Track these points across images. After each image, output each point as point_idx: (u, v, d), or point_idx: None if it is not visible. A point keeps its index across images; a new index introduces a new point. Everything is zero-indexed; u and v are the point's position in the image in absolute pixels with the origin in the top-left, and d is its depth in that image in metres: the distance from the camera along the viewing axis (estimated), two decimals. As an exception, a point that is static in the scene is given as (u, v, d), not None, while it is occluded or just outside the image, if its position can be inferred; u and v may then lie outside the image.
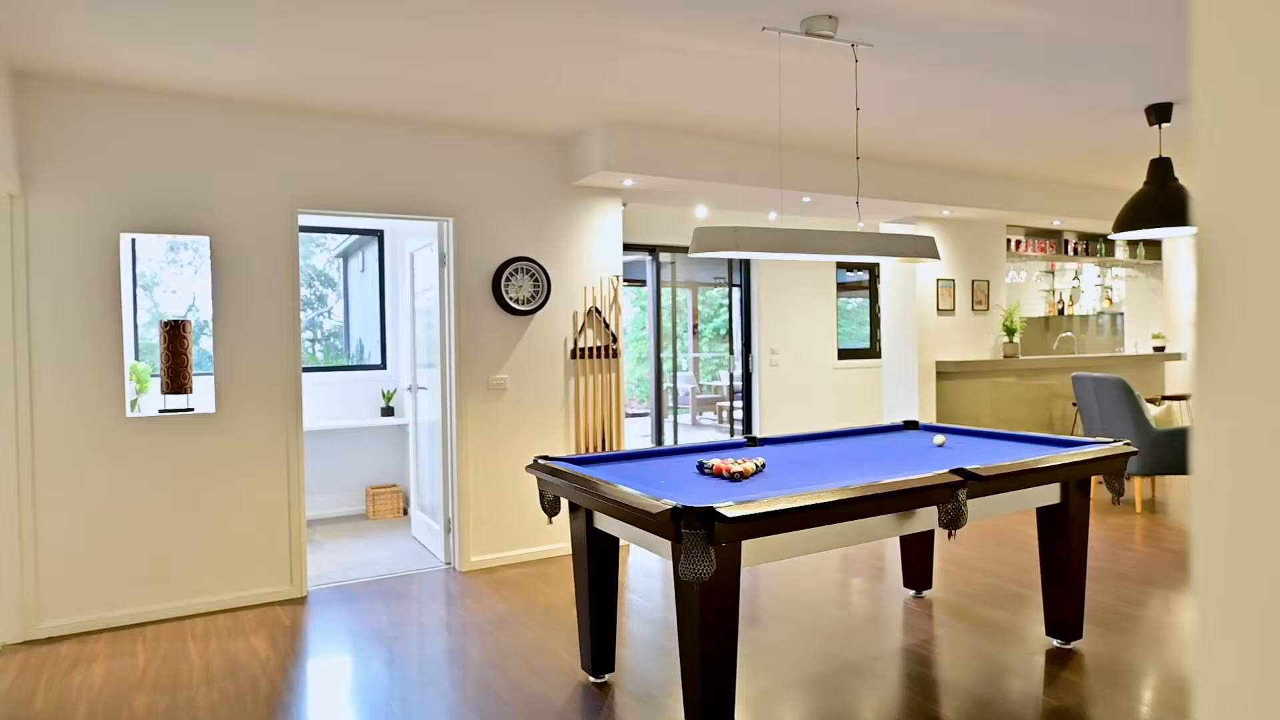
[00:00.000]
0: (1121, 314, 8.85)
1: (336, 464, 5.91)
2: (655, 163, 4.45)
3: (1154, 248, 8.16)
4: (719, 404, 11.32)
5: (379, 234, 6.12)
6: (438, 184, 4.36)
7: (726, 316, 11.92)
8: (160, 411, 3.81)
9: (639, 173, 4.41)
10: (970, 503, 2.75)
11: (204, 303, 5.26)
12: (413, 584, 4.28)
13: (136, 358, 4.76)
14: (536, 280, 4.59)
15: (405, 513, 5.95)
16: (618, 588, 3.04)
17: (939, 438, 3.55)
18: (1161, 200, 4.26)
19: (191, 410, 3.86)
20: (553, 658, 3.25)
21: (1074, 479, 3.12)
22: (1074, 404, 7.24)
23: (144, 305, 5.08)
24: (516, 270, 4.53)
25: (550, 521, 3.02)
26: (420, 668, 3.19)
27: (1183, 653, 3.18)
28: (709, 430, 10.85)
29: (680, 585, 2.29)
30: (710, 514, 2.10)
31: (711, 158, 4.65)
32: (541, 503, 3.01)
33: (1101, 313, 9.09)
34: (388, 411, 5.91)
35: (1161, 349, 8.01)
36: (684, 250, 7.03)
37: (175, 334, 3.87)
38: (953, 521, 2.59)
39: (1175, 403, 7.89)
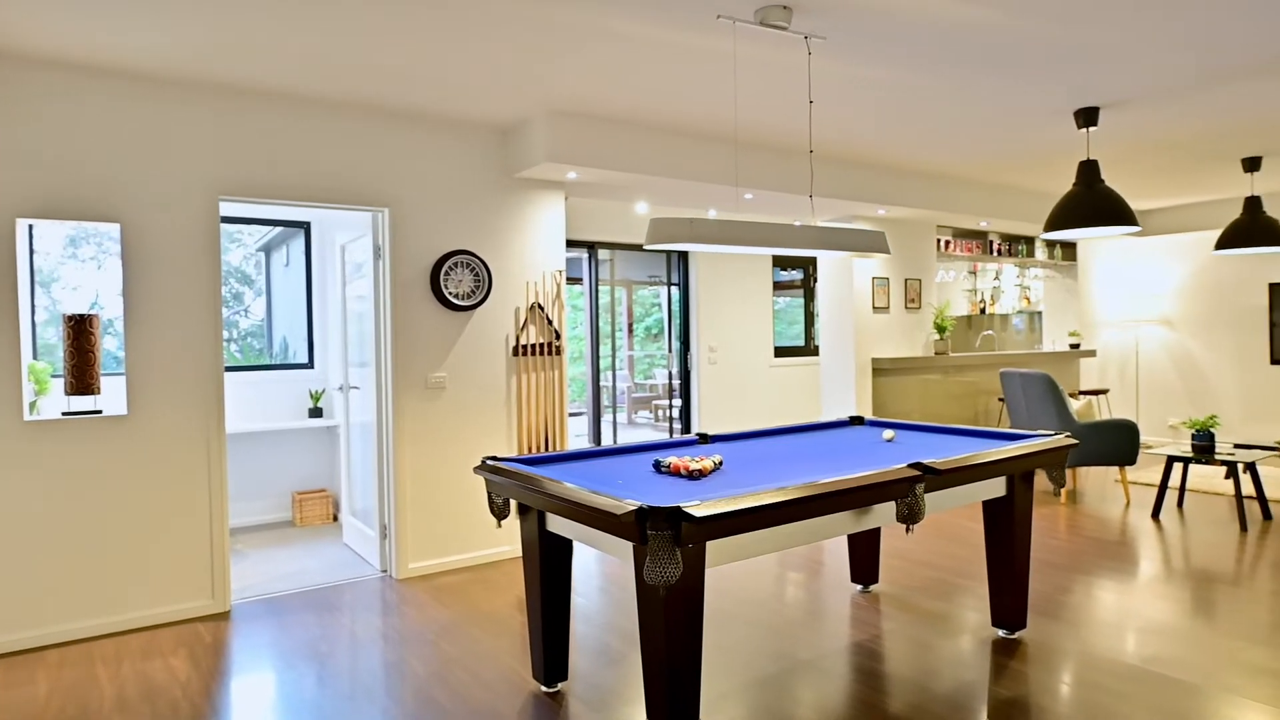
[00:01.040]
0: (1039, 313, 9.22)
1: (261, 468, 5.59)
2: (601, 155, 4.35)
3: (1070, 249, 8.52)
4: (655, 402, 11.29)
5: (306, 226, 5.81)
6: (372, 173, 4.15)
7: (660, 315, 11.92)
8: (64, 414, 3.49)
9: (584, 165, 4.30)
10: (925, 497, 2.75)
11: (109, 300, 4.87)
12: (346, 594, 4.06)
13: (34, 357, 4.37)
14: (477, 275, 4.43)
15: (336, 519, 5.67)
16: (570, 592, 2.93)
17: (888, 433, 3.57)
18: (1090, 201, 4.41)
19: (100, 412, 3.55)
20: (501, 667, 3.11)
21: (1020, 472, 3.17)
22: (1000, 399, 7.49)
23: (40, 304, 4.67)
24: (456, 264, 4.36)
25: (499, 525, 2.89)
26: (356, 682, 3.00)
27: (1119, 638, 3.27)
28: (645, 429, 10.80)
29: (643, 589, 2.20)
30: (677, 514, 2.02)
31: (659, 151, 4.58)
32: (490, 506, 2.88)
33: (1020, 311, 9.47)
34: (316, 413, 5.62)
35: (1077, 346, 8.37)
36: (623, 247, 6.95)
37: (81, 330, 3.55)
38: (911, 516, 2.59)
39: (1093, 397, 8.26)
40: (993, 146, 5.19)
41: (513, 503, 2.88)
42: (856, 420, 4.09)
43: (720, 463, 2.83)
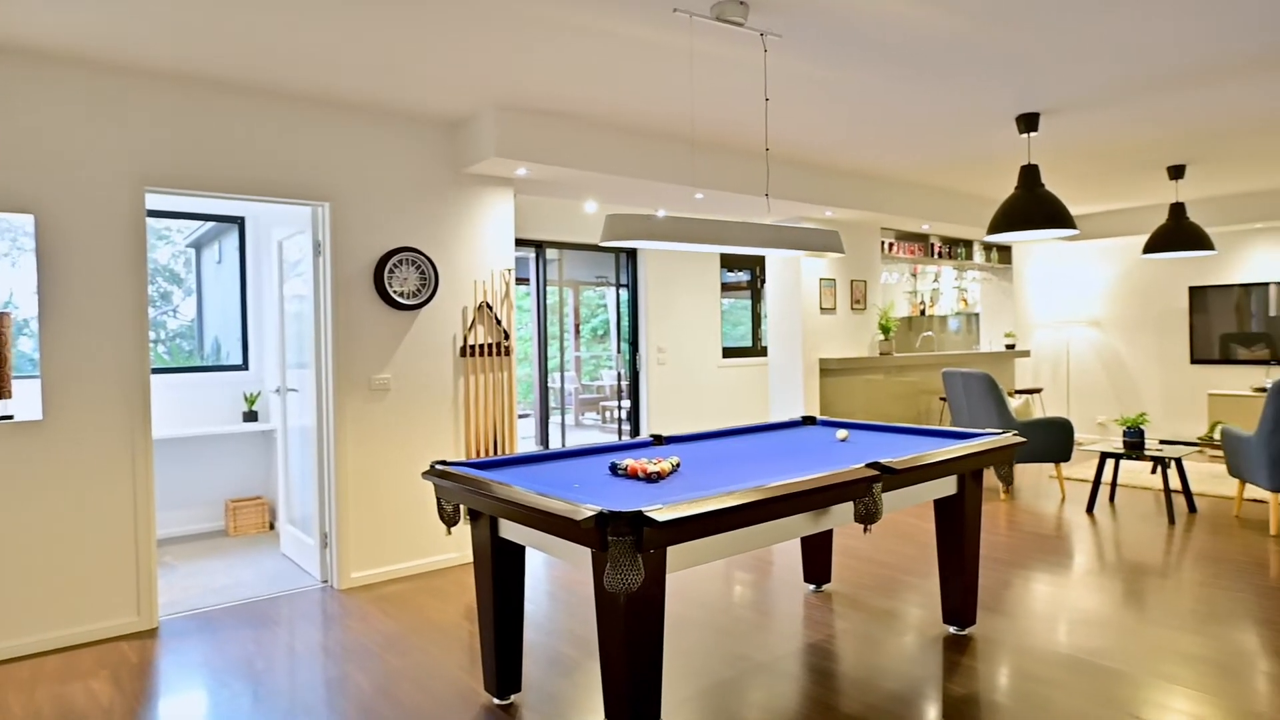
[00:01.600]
0: (976, 314, 9.48)
1: (191, 475, 5.31)
2: (552, 152, 4.26)
3: (1005, 252, 8.78)
4: (602, 404, 11.22)
5: (239, 221, 5.55)
6: (312, 165, 3.97)
7: (605, 316, 11.85)
8: (-31, 421, 3.23)
9: (534, 161, 4.20)
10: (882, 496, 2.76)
11: (23, 298, 4.56)
12: (284, 606, 3.87)
13: (-64, 358, 4.05)
14: (423, 273, 4.28)
15: (272, 527, 5.43)
16: (523, 600, 2.84)
17: (841, 432, 3.58)
18: (1031, 204, 4.53)
19: (11, 418, 3.30)
20: (451, 680, 3.00)
21: (970, 470, 3.21)
22: (941, 398, 7.66)
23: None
24: (401, 261, 4.21)
25: (449, 532, 2.78)
26: (295, 700, 2.85)
27: (1060, 630, 3.35)
28: (593, 430, 10.72)
29: (602, 596, 2.13)
30: (639, 519, 1.96)
31: (612, 149, 4.51)
32: (439, 512, 2.76)
33: (958, 313, 9.72)
34: (251, 416, 5.37)
35: (1012, 346, 8.62)
36: (572, 246, 6.86)
37: (-12, 329, 3.29)
38: (868, 516, 2.58)
39: (1029, 395, 8.52)
40: (939, 150, 5.29)
41: (463, 509, 2.78)
42: (809, 420, 4.10)
43: (678, 464, 2.78)
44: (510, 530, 2.64)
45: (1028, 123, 4.45)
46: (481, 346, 4.51)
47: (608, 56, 3.39)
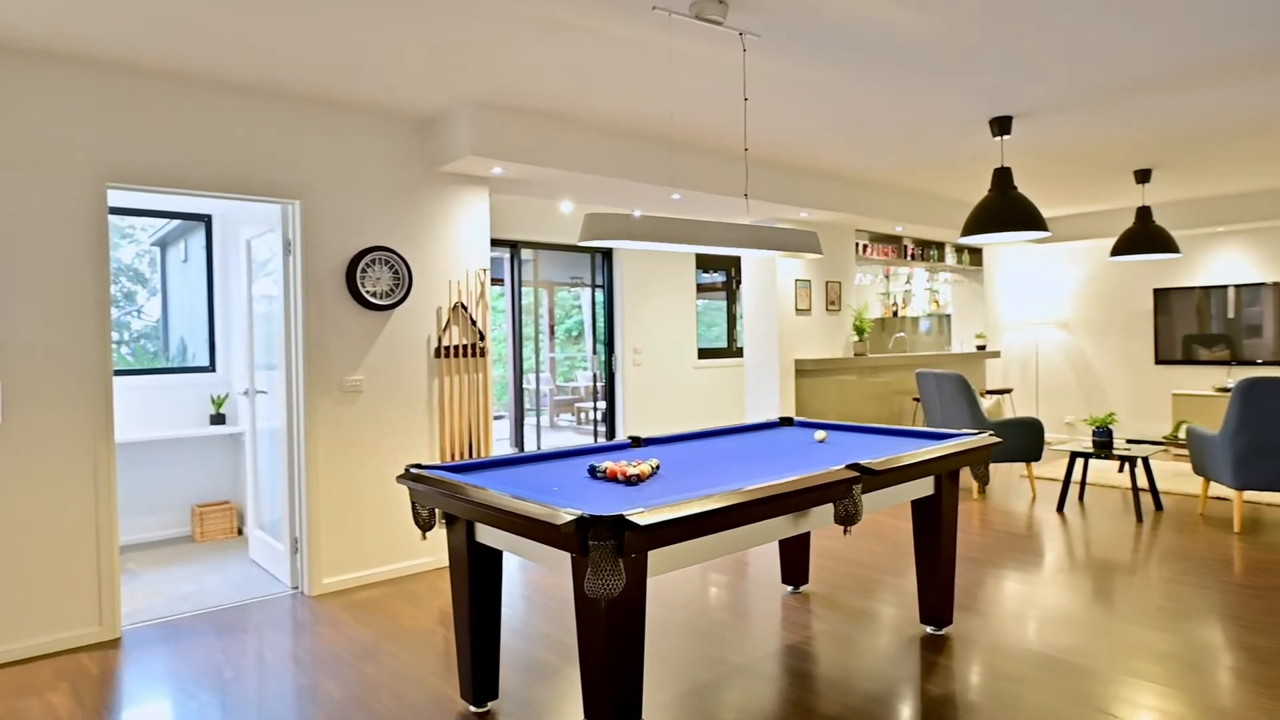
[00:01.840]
0: (948, 315, 9.59)
1: (156, 480, 5.17)
2: (528, 150, 4.22)
3: (977, 255, 8.89)
4: (577, 405, 11.17)
5: (206, 219, 5.42)
6: (283, 162, 3.88)
7: (580, 317, 11.79)
8: (-80, 425, 3.10)
9: (510, 160, 4.15)
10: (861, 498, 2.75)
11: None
12: (253, 614, 3.78)
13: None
14: (396, 272, 4.21)
15: (240, 532, 5.31)
16: (500, 605, 2.79)
17: (819, 433, 3.58)
18: (1004, 206, 4.57)
19: (-36, 422, 3.17)
20: (426, 688, 2.94)
21: (947, 470, 3.23)
22: (915, 399, 7.73)
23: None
24: (374, 261, 4.13)
25: (424, 537, 2.72)
26: (265, 711, 2.77)
27: (1033, 629, 3.38)
28: (567, 432, 10.67)
29: (582, 602, 2.10)
30: (620, 523, 1.93)
31: (589, 148, 4.48)
32: (414, 517, 2.71)
33: (930, 314, 9.83)
34: (218, 419, 5.24)
35: (983, 347, 8.73)
36: (547, 247, 6.81)
37: (-59, 330, 3.16)
38: (849, 517, 2.58)
39: (999, 396, 8.63)
40: (914, 151, 5.33)
41: (438, 513, 2.73)
42: (786, 421, 4.10)
43: (658, 467, 2.76)
44: (487, 535, 2.60)
45: (1001, 125, 4.50)
46: (456, 348, 4.45)
47: (586, 54, 3.35)
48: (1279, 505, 5.67)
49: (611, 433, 7.26)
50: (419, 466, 2.77)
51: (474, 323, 4.53)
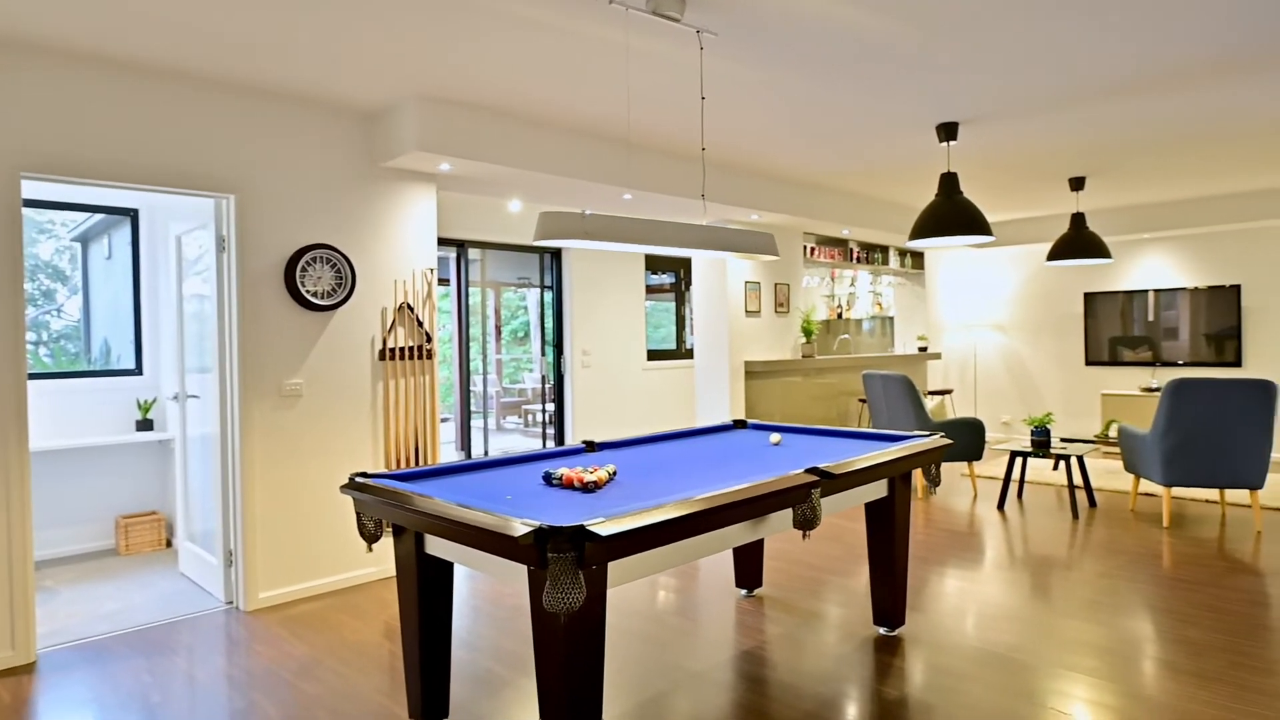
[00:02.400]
0: (890, 318, 9.78)
1: (76, 490, 4.86)
2: (477, 147, 4.10)
3: (919, 258, 9.08)
4: (525, 407, 11.03)
5: (133, 214, 5.13)
6: (216, 154, 3.68)
7: (526, 318, 11.64)
8: None
9: (458, 156, 4.03)
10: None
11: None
12: (183, 632, 3.57)
13: None
14: (339, 271, 4.05)
15: (169, 545, 5.04)
16: (451, 619, 2.69)
17: (774, 436, 3.57)
18: (952, 211, 4.66)
19: None
20: (372, 706, 2.81)
21: (901, 472, 3.25)
22: (861, 400, 7.84)
23: None
24: (315, 259, 3.96)
25: (370, 549, 2.60)
26: (202, 738, 2.61)
27: (977, 625, 3.43)
28: (514, 435, 10.51)
29: (540, 616, 2.02)
30: (581, 533, 1.86)
31: (541, 146, 4.38)
32: (360, 529, 2.58)
33: (873, 317, 10.01)
34: (145, 425, 4.96)
35: (924, 349, 8.93)
36: (495, 246, 6.68)
37: None
38: (807, 522, 2.56)
39: (941, 396, 8.84)
40: (864, 156, 5.39)
41: (385, 524, 2.61)
42: (740, 424, 4.08)
43: (614, 473, 2.69)
44: (437, 546, 2.49)
45: (947, 131, 4.58)
46: (402, 349, 4.30)
47: (540, 48, 3.27)
48: (1203, 501, 5.93)
49: (560, 435, 7.16)
50: (364, 475, 2.65)
51: (420, 324, 4.39)
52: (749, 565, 3.91)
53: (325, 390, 4.05)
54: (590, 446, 3.35)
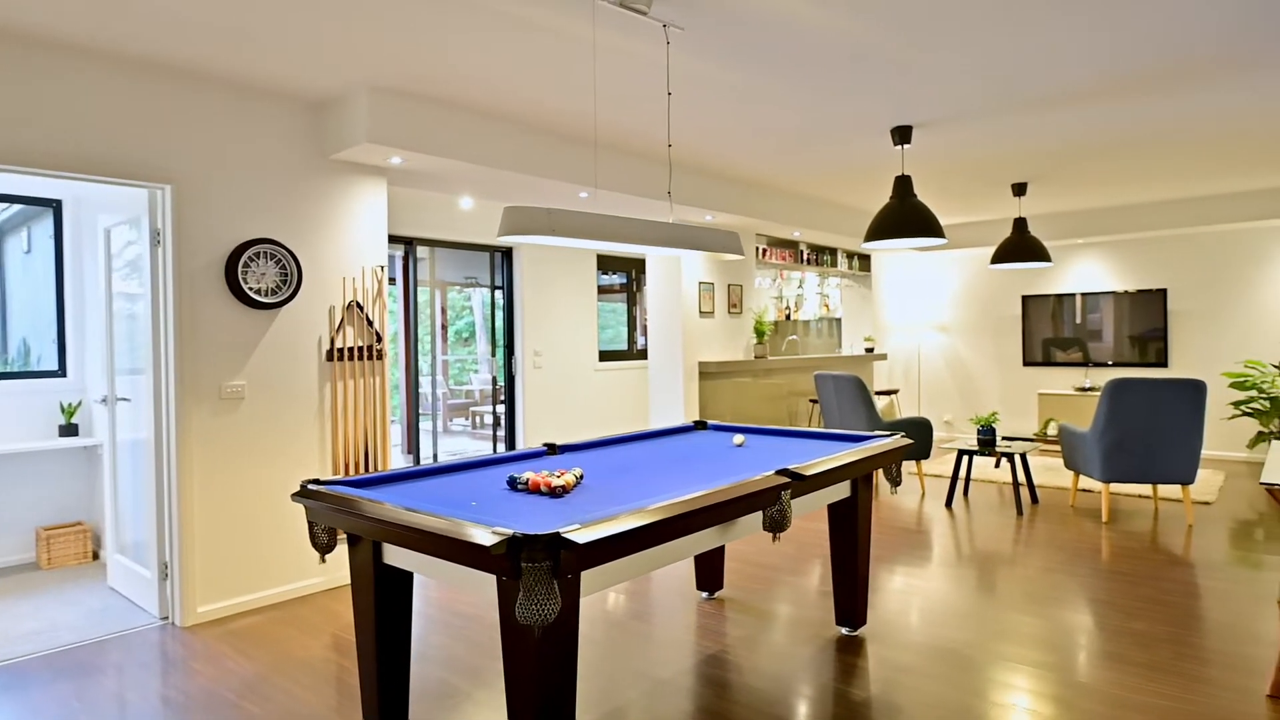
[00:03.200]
0: (838, 319, 9.92)
1: (-11, 502, 4.53)
2: (431, 140, 3.97)
3: (866, 260, 9.23)
4: (472, 409, 10.82)
5: (55, 204, 4.81)
6: (151, 141, 3.47)
7: (470, 318, 11.43)
8: None
9: (411, 150, 3.89)
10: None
11: None
12: (114, 651, 3.35)
13: None
14: (284, 268, 3.86)
15: (97, 557, 4.73)
16: (410, 632, 2.57)
17: (738, 437, 3.55)
18: (906, 213, 4.72)
19: None
20: (324, 724, 2.67)
21: (865, 473, 3.25)
22: (812, 400, 7.92)
23: None
24: (258, 255, 3.76)
25: (323, 560, 2.47)
26: (138, 766, 2.43)
27: (939, 624, 3.47)
28: (462, 437, 10.31)
29: (511, 629, 1.93)
30: (556, 541, 1.78)
31: (496, 141, 4.27)
32: (312, 539, 2.45)
33: (821, 318, 10.14)
34: (69, 430, 4.66)
35: (871, 350, 9.08)
36: (445, 245, 6.50)
37: None
38: (777, 524, 2.53)
39: (889, 396, 9.00)
40: (818, 157, 5.42)
41: (339, 532, 2.49)
42: (700, 425, 4.05)
43: (581, 476, 2.62)
44: (396, 556, 2.38)
45: (902, 135, 4.63)
46: (351, 350, 4.13)
47: (500, 40, 3.17)
48: (1137, 496, 6.16)
49: (511, 437, 7.02)
50: (317, 482, 2.51)
51: (370, 323, 4.22)
52: (710, 568, 3.87)
53: (269, 392, 3.85)
54: (552, 449, 3.26)
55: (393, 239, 6.09)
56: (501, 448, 6.98)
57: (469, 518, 2.08)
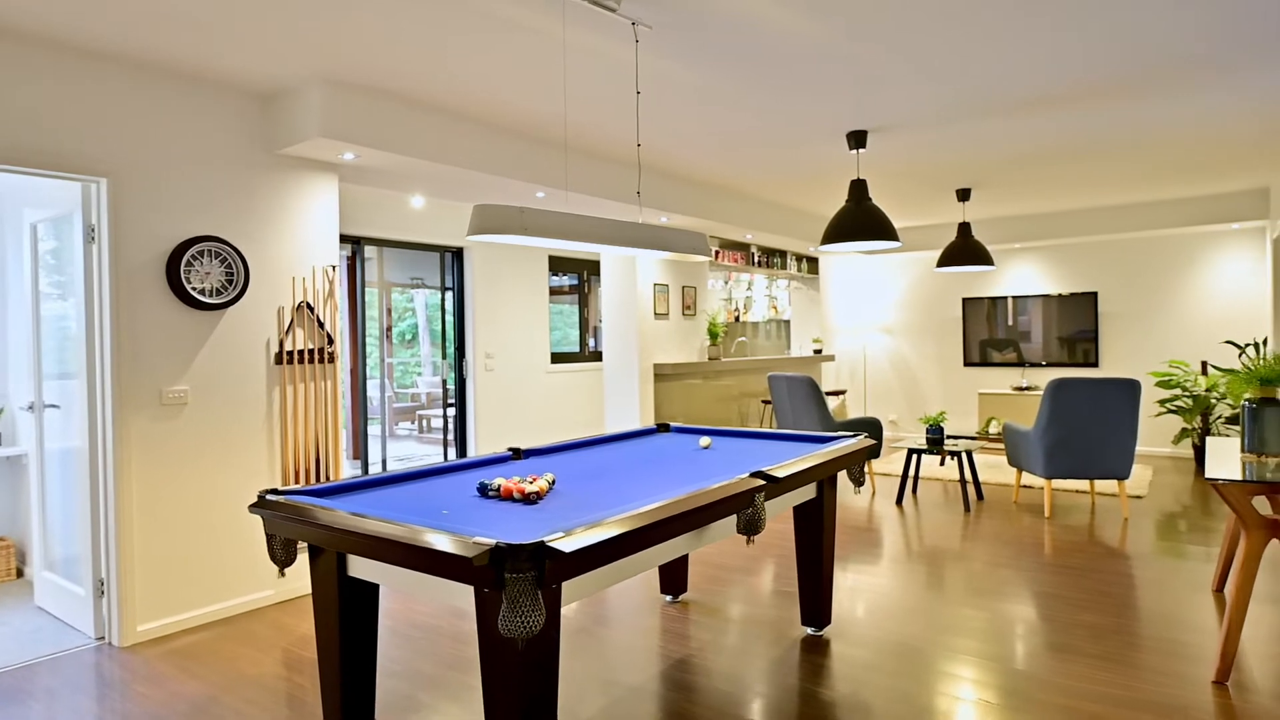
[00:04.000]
0: (786, 321, 10.05)
1: (-102, 517, 4.20)
2: (387, 136, 3.84)
3: (814, 263, 9.37)
4: (419, 413, 10.60)
5: (-28, 197, 4.49)
6: (85, 131, 3.26)
7: (413, 320, 11.18)
8: None
9: (366, 145, 3.76)
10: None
11: None
12: (44, 675, 3.13)
13: None
14: (230, 267, 3.68)
15: (21, 575, 4.44)
16: (376, 647, 2.47)
17: (704, 440, 3.53)
18: (861, 217, 4.79)
19: None
20: (282, 746, 2.55)
21: (830, 474, 3.28)
22: (765, 401, 7.99)
23: None
24: (203, 253, 3.58)
25: (282, 574, 2.35)
26: (79, 799, 2.27)
27: (907, 621, 3.52)
28: (409, 441, 10.08)
29: (491, 643, 1.87)
30: (542, 550, 1.73)
31: (457, 138, 4.16)
32: (270, 552, 2.33)
33: (770, 320, 10.26)
34: (-12, 439, 4.35)
35: (819, 351, 9.22)
36: (394, 244, 6.33)
37: None
38: (752, 527, 2.52)
39: (838, 396, 9.15)
40: (775, 161, 5.46)
41: (296, 545, 2.37)
42: (663, 427, 4.02)
43: (554, 481, 2.56)
44: (363, 568, 2.28)
45: (857, 139, 4.70)
46: (301, 353, 3.97)
47: (462, 34, 3.08)
48: (1074, 491, 6.40)
49: (462, 441, 6.88)
50: (276, 491, 2.39)
51: (322, 325, 4.07)
52: (674, 571, 3.85)
53: (214, 397, 3.67)
54: (517, 454, 3.19)
55: (340, 238, 5.90)
56: (452, 452, 6.83)
57: (443, 527, 2.01)
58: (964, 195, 6.70)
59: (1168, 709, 2.68)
